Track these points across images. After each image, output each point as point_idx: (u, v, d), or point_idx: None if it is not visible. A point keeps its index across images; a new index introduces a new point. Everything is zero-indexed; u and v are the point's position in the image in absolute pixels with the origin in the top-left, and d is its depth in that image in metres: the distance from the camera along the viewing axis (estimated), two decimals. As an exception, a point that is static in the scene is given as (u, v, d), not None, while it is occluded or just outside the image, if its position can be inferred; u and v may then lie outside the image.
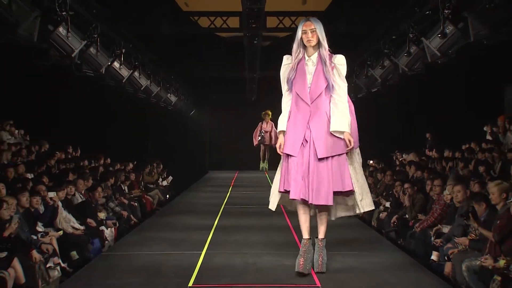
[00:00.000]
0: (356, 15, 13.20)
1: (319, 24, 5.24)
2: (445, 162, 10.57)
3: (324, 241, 5.53)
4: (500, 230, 5.73)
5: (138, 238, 7.80)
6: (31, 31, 8.15)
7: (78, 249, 7.49)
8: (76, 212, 8.48)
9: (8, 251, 5.79)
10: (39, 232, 7.07)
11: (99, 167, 12.30)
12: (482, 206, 6.40)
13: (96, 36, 10.18)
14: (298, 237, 7.46)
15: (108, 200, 10.28)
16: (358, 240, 7.57)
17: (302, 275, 5.30)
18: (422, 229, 7.88)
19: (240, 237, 7.49)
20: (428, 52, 9.80)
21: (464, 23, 8.67)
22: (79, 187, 9.26)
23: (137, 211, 11.41)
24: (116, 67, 11.84)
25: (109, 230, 9.05)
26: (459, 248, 6.51)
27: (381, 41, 12.23)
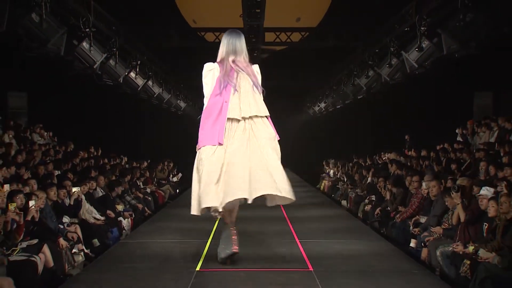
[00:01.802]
0: (344, 31, 13.25)
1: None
2: (422, 160, 10.59)
3: None
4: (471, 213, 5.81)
5: (151, 227, 7.83)
6: (59, 46, 8.20)
7: (99, 237, 7.49)
8: (97, 204, 8.49)
9: (38, 238, 5.83)
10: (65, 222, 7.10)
11: (118, 165, 12.31)
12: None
13: (115, 49, 10.23)
14: (293, 227, 7.47)
15: (125, 194, 10.30)
16: (345, 229, 7.58)
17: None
18: (402, 220, 7.90)
19: (241, 227, 7.42)
20: (407, 63, 9.82)
21: (438, 38, 8.72)
22: (99, 182, 9.28)
23: (150, 204, 11.40)
24: (132, 77, 11.86)
25: (126, 221, 9.04)
26: (434, 236, 6.54)
27: (366, 53, 12.26)
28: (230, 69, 4.95)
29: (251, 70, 5.01)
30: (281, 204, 5.06)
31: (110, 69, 10.46)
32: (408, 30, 9.77)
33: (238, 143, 4.81)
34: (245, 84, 4.95)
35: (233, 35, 5.06)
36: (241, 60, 5.01)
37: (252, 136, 4.87)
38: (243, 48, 5.04)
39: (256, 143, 4.84)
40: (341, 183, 14.23)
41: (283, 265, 5.33)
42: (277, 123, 15.31)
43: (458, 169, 8.81)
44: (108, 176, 9.95)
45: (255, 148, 4.82)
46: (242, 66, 4.98)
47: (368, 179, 11.60)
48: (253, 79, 4.97)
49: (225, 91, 4.88)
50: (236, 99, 4.88)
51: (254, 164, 4.73)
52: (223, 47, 5.06)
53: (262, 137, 4.88)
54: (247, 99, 4.91)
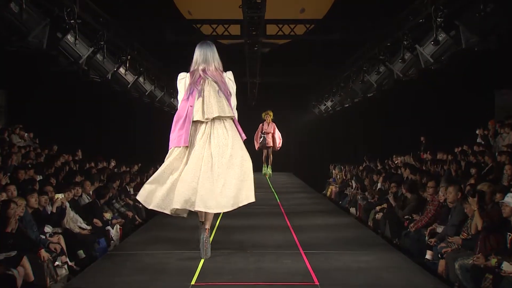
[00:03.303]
0: (352, 23, 13.20)
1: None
2: (438, 164, 10.55)
3: None
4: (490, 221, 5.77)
5: (142, 237, 7.79)
6: (41, 39, 8.17)
7: (84, 248, 7.46)
8: (83, 212, 8.46)
9: (17, 250, 5.78)
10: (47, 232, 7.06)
11: (106, 169, 12.27)
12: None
13: (102, 43, 10.20)
14: (297, 237, 7.45)
15: (114, 200, 10.25)
16: (354, 239, 7.54)
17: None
18: (417, 229, 7.86)
19: (241, 237, 7.46)
20: (421, 58, 9.79)
21: (456, 31, 8.68)
22: (85, 188, 9.24)
23: (141, 212, 11.35)
24: (122, 73, 11.84)
25: (114, 230, 9.02)
26: (452, 247, 6.50)
27: (377, 47, 12.23)
28: (198, 77, 5.85)
29: (220, 78, 5.88)
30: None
31: (97, 65, 10.44)
32: (423, 22, 9.74)
33: (196, 152, 5.68)
34: (209, 89, 5.81)
35: (204, 46, 6.02)
36: (211, 68, 5.90)
37: (208, 143, 5.73)
38: (214, 57, 5.97)
39: (209, 151, 5.70)
40: (349, 189, 14.20)
41: (286, 279, 5.29)
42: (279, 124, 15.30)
43: (479, 174, 8.76)
44: (95, 181, 9.90)
45: (207, 157, 5.67)
46: (212, 74, 5.87)
47: (379, 184, 11.56)
48: (220, 85, 5.84)
49: (191, 97, 5.80)
50: (199, 103, 5.77)
51: (202, 176, 5.59)
52: (195, 57, 5.99)
53: (216, 144, 5.73)
54: (209, 102, 5.75)
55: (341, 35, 13.20)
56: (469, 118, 13.43)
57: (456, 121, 14.29)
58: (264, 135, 14.10)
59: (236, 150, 5.76)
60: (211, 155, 5.68)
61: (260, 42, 12.74)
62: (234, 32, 13.18)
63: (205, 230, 5.92)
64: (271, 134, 14.18)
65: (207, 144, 5.72)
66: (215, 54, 5.99)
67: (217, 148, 5.71)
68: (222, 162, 5.67)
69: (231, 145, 5.75)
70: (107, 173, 11.81)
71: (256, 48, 13.04)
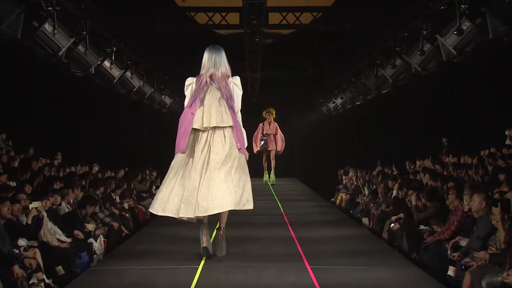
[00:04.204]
0: (364, 11, 13.18)
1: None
2: (463, 169, 10.51)
3: None
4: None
5: (129, 251, 7.71)
6: (15, 28, 8.15)
7: (64, 264, 7.43)
8: (62, 223, 8.42)
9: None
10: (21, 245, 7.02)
11: (88, 175, 12.24)
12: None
13: (84, 33, 10.19)
14: (303, 250, 7.42)
15: (97, 210, 10.23)
16: (367, 253, 7.47)
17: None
18: (438, 242, 7.84)
19: (240, 250, 7.43)
20: (443, 50, 9.78)
21: (482, 18, 8.66)
22: (65, 196, 9.20)
23: (128, 222, 11.35)
24: (107, 67, 11.84)
25: (98, 243, 8.99)
26: (479, 262, 6.45)
27: (392, 38, 12.21)
28: (203, 84, 6.54)
29: (224, 84, 6.57)
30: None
31: (79, 57, 10.44)
32: (444, 9, 9.73)
33: (196, 160, 6.43)
34: (210, 98, 6.52)
35: (212, 51, 6.68)
36: (218, 74, 6.58)
37: (207, 152, 6.46)
38: (222, 63, 6.65)
39: (207, 159, 6.43)
40: (361, 196, 14.16)
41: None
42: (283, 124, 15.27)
43: (508, 180, 8.71)
44: (76, 188, 9.87)
45: (206, 165, 6.41)
46: (217, 80, 6.55)
47: (394, 191, 11.55)
48: (223, 92, 6.53)
49: (194, 104, 6.53)
50: (200, 112, 6.49)
51: (202, 182, 6.34)
52: (204, 62, 6.66)
53: (214, 152, 6.44)
54: (209, 111, 6.47)
55: (352, 24, 13.19)
56: (497, 117, 13.38)
57: (482, 121, 14.22)
58: (266, 137, 13.63)
59: (232, 158, 6.48)
60: (209, 162, 6.39)
61: (261, 32, 12.73)
62: (233, 21, 13.19)
63: (220, 229, 6.83)
64: (273, 136, 13.70)
65: (206, 153, 6.44)
66: (223, 59, 6.68)
67: (215, 155, 6.41)
68: (215, 168, 6.37)
69: (228, 153, 6.45)
70: (90, 179, 11.76)
71: (257, 39, 13.03)
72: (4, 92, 13.80)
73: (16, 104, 14.29)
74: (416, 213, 9.09)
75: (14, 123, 13.62)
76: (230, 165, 6.43)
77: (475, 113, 14.63)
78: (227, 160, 6.42)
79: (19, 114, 14.21)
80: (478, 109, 14.57)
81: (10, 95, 14.06)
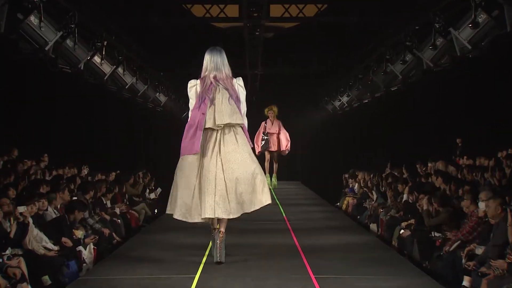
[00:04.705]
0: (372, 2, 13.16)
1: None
2: (478, 171, 10.49)
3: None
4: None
5: (121, 259, 7.76)
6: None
7: (51, 273, 7.41)
8: (49, 230, 8.39)
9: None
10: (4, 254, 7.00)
11: (77, 178, 12.23)
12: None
13: (73, 26, 10.14)
14: (307, 259, 7.44)
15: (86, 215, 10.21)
16: (375, 262, 7.51)
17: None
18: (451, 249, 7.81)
19: (240, 258, 7.44)
20: (457, 44, 9.75)
21: (499, 10, 8.62)
22: (52, 200, 9.17)
23: (120, 229, 11.36)
24: (97, 62, 11.81)
25: (87, 251, 8.97)
26: (496, 272, 6.43)
27: (402, 32, 12.19)
28: (209, 84, 7.03)
29: (230, 85, 7.08)
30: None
31: (67, 52, 10.40)
32: (458, 1, 9.69)
33: (209, 160, 6.90)
34: (220, 97, 6.99)
35: (214, 53, 7.18)
36: (222, 75, 7.08)
37: (218, 151, 6.93)
38: (224, 64, 7.16)
39: (220, 158, 6.91)
40: (369, 201, 14.16)
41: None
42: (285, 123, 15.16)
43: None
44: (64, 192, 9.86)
45: (220, 165, 6.89)
46: (222, 81, 7.06)
47: (404, 196, 11.55)
48: (231, 93, 7.03)
49: (203, 105, 6.98)
50: (211, 111, 6.95)
51: (218, 182, 6.83)
52: (205, 64, 7.16)
53: (225, 151, 6.95)
54: (220, 109, 6.92)
55: (360, 16, 13.18)
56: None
57: (499, 120, 14.16)
58: (267, 136, 13.44)
59: (244, 156, 6.97)
60: (221, 162, 6.89)
61: (262, 25, 12.73)
62: (232, 13, 13.17)
63: (219, 232, 7.01)
64: (276, 135, 13.47)
65: (217, 151, 6.93)
66: (225, 61, 7.18)
67: (226, 155, 6.91)
68: (231, 167, 6.87)
69: (240, 151, 6.97)
70: (79, 182, 11.75)
71: (258, 33, 13.04)
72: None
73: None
74: (428, 218, 9.08)
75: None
76: (248, 165, 6.93)
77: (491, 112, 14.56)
78: (242, 161, 6.92)
79: (2, 113, 14.17)
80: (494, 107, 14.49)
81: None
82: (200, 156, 6.96)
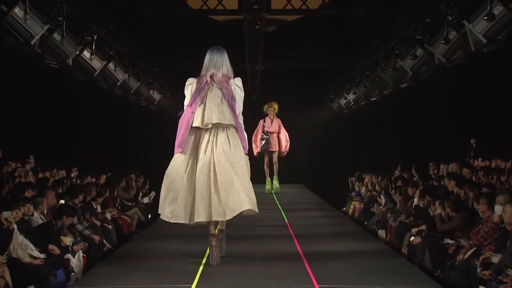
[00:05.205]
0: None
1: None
2: (494, 174, 10.48)
3: None
4: None
5: (112, 268, 7.67)
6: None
7: (37, 283, 7.39)
8: (35, 236, 8.37)
9: None
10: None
11: (65, 181, 12.22)
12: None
13: (61, 19, 10.15)
14: (310, 267, 7.41)
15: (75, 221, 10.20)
16: (384, 270, 7.44)
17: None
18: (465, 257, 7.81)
19: (239, 267, 7.42)
20: (471, 38, 9.77)
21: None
22: (39, 205, 9.15)
23: (111, 235, 11.35)
24: (86, 58, 11.83)
25: (76, 259, 8.96)
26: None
27: (413, 25, 12.18)
28: (204, 83, 7.28)
29: (226, 84, 7.29)
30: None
31: (54, 47, 10.45)
32: (473, -9, 9.70)
33: (202, 161, 7.13)
34: (212, 96, 7.23)
35: (214, 52, 7.42)
36: (219, 75, 7.31)
37: (211, 152, 7.16)
38: (224, 63, 7.38)
39: (212, 159, 7.13)
40: (377, 205, 14.13)
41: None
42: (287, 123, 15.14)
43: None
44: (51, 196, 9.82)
45: (212, 167, 7.11)
46: (218, 80, 7.28)
47: (415, 200, 11.53)
48: (225, 92, 7.24)
49: (194, 103, 7.24)
50: (200, 110, 7.20)
51: (211, 185, 7.06)
52: (205, 63, 7.40)
53: (218, 153, 7.14)
54: (210, 109, 7.17)
55: (367, 9, 13.15)
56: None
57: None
58: (267, 135, 13.24)
59: (235, 158, 7.14)
60: (213, 164, 7.08)
61: (263, 18, 12.71)
62: (230, 5, 13.16)
63: (220, 231, 7.47)
64: (276, 134, 13.28)
65: (210, 153, 7.12)
66: (225, 60, 7.39)
67: (219, 156, 7.09)
68: (223, 170, 7.04)
69: (232, 154, 7.13)
70: (67, 186, 11.76)
71: (258, 26, 13.00)
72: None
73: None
74: (440, 223, 9.05)
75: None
76: (240, 167, 7.12)
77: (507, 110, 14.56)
78: (234, 162, 7.10)
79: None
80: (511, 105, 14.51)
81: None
82: (190, 157, 7.23)
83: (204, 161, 7.11)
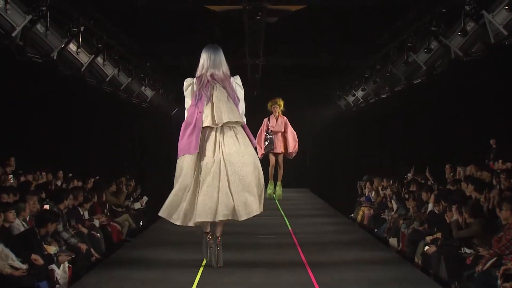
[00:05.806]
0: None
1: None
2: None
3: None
4: None
5: (100, 279, 7.75)
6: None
7: (19, 295, 7.36)
8: (17, 245, 8.35)
9: None
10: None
11: (50, 185, 12.20)
12: None
13: (44, 9, 10.14)
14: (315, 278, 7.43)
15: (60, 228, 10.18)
16: (395, 281, 7.52)
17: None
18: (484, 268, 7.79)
19: (239, 278, 7.44)
20: (490, 30, 9.78)
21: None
22: (21, 211, 9.12)
23: (99, 244, 11.35)
24: (73, 51, 11.84)
25: (61, 269, 8.95)
26: (536, 294, 6.41)
27: (427, 15, 12.17)
28: (206, 82, 7.65)
29: (228, 83, 7.72)
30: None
31: (38, 39, 10.46)
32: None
33: (208, 160, 7.52)
34: (218, 95, 7.63)
35: (211, 50, 7.82)
36: (219, 73, 7.71)
37: (219, 151, 7.54)
38: (222, 62, 7.79)
39: (222, 159, 7.51)
40: (388, 211, 14.13)
41: None
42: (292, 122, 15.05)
43: None
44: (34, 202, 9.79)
45: (222, 166, 7.49)
46: (219, 79, 7.68)
47: (429, 205, 11.52)
48: (229, 91, 7.67)
49: (200, 103, 7.59)
50: (209, 109, 7.58)
51: (221, 184, 7.42)
52: (202, 62, 7.79)
53: (227, 153, 7.54)
54: (219, 108, 7.56)
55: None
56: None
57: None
58: (271, 135, 13.15)
59: (249, 159, 7.56)
60: (224, 164, 7.47)
61: (264, 8, 12.71)
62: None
63: (217, 238, 7.66)
64: (282, 134, 13.16)
65: (218, 152, 7.52)
66: (222, 59, 7.79)
67: (229, 156, 7.49)
68: (235, 170, 7.44)
69: (243, 153, 7.55)
70: (52, 190, 11.74)
71: (259, 17, 13.00)
72: None
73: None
74: (456, 230, 9.01)
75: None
76: (252, 166, 7.56)
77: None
78: (245, 161, 7.51)
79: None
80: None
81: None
82: (198, 157, 7.55)
83: (213, 161, 7.47)
